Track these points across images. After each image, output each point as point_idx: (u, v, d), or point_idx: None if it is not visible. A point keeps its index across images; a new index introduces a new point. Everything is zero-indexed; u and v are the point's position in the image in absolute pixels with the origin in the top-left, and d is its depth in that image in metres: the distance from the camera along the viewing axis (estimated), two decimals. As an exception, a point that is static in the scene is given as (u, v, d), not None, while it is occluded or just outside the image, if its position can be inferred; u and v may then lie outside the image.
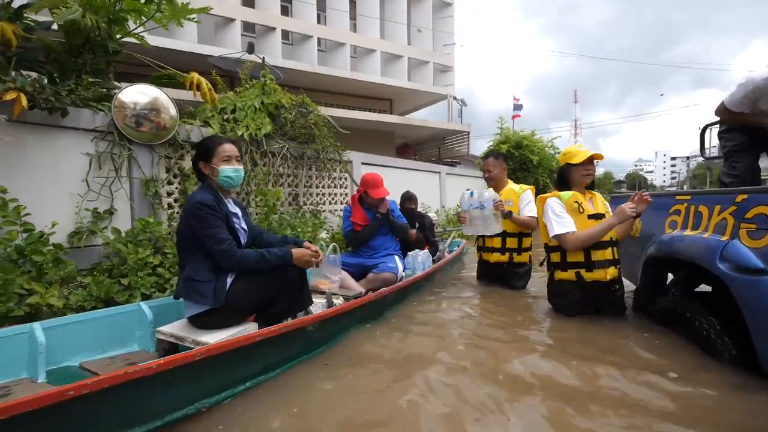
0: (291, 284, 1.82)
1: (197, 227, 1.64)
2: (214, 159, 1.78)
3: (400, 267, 3.08)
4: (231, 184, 1.83)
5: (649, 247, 2.34)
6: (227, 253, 1.65)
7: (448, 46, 15.12)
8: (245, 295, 1.71)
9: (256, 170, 3.96)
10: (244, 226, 1.92)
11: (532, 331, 2.20)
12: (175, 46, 8.75)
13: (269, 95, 4.39)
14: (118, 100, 3.12)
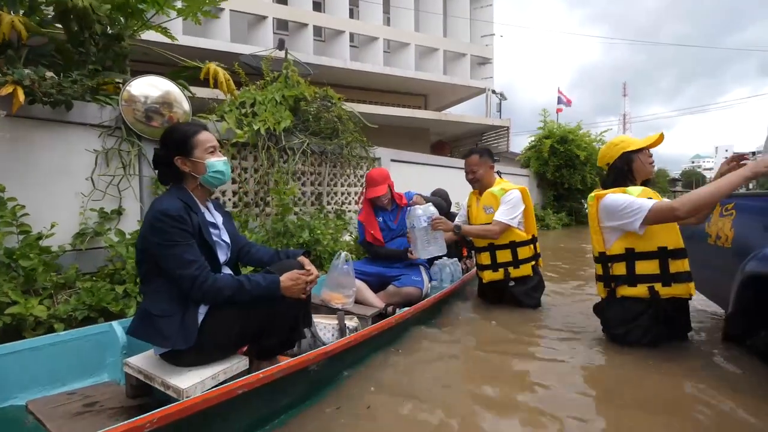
0: (282, 317, 1.45)
1: (158, 244, 1.28)
2: (196, 151, 1.41)
3: (426, 280, 2.64)
4: (221, 181, 1.48)
5: (748, 263, 1.79)
6: (196, 280, 1.28)
7: (487, 36, 14.36)
8: (224, 332, 1.35)
9: (275, 168, 3.69)
10: (226, 238, 1.54)
11: (586, 370, 1.73)
12: (207, 45, 8.81)
13: (291, 88, 4.12)
14: (127, 94, 2.94)
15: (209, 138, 1.48)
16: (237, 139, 3.41)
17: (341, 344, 1.52)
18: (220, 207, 1.65)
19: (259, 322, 1.40)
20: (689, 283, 1.82)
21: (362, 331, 1.69)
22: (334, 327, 1.85)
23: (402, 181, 5.73)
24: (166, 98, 3.13)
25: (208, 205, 1.55)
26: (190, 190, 1.45)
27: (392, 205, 2.79)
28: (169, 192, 1.43)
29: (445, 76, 13.24)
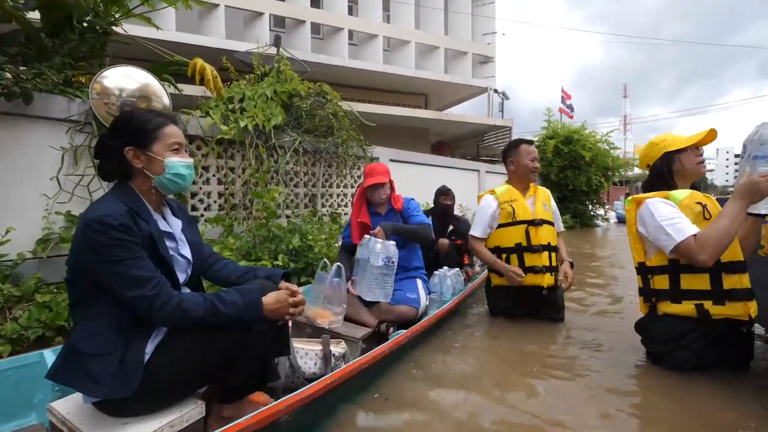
0: (251, 347, 1.17)
1: (97, 261, 1.02)
2: (156, 145, 1.15)
3: (423, 296, 2.31)
4: (180, 186, 1.21)
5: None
6: (154, 302, 1.03)
7: (489, 35, 14.11)
8: (176, 371, 1.07)
9: (264, 167, 3.43)
10: (186, 252, 1.25)
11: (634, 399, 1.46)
12: (201, 42, 8.56)
13: (283, 83, 3.86)
14: (99, 86, 2.68)
15: (176, 133, 1.20)
16: (222, 136, 3.15)
17: (320, 387, 1.23)
18: (181, 210, 1.36)
19: (222, 355, 1.13)
20: (749, 301, 1.54)
21: (348, 366, 1.40)
22: (317, 354, 1.57)
23: (402, 183, 5.44)
24: (143, 91, 2.87)
25: (164, 211, 1.27)
26: (140, 192, 1.18)
27: (387, 208, 2.48)
28: (109, 194, 1.15)
29: (446, 74, 12.99)
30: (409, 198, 2.53)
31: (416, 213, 2.46)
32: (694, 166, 1.73)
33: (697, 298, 1.58)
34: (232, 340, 1.12)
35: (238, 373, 1.18)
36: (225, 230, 3.08)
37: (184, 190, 1.25)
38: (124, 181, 1.17)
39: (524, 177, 2.45)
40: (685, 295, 1.60)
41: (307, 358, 1.55)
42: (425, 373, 1.73)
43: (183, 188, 1.23)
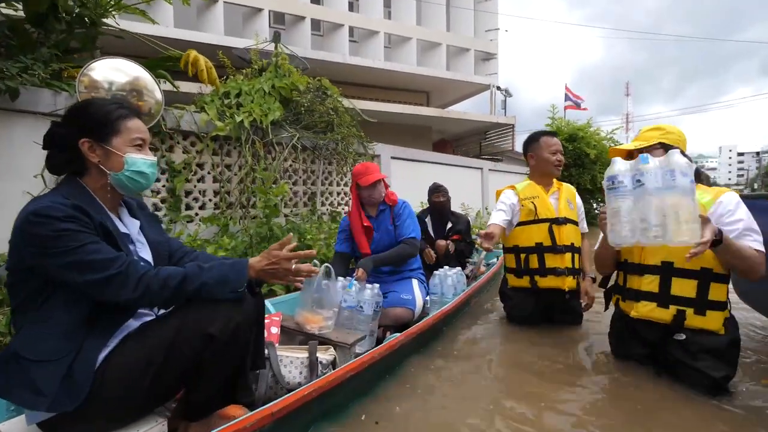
0: (220, 355, 1.03)
1: (43, 256, 0.91)
2: (116, 139, 1.04)
3: (420, 297, 2.18)
4: (140, 186, 1.10)
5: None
6: (130, 275, 0.94)
7: (491, 31, 13.94)
8: (134, 382, 0.95)
9: (261, 164, 3.31)
10: (146, 255, 1.14)
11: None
12: (200, 38, 8.41)
13: (282, 78, 3.74)
14: (87, 79, 2.55)
15: (140, 128, 1.09)
16: (217, 132, 3.03)
17: (296, 398, 1.10)
18: (141, 208, 1.24)
19: (185, 364, 1.00)
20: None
21: (329, 375, 1.26)
22: (303, 362, 1.42)
23: (403, 181, 5.36)
24: (134, 85, 2.74)
25: (121, 212, 1.15)
26: (93, 190, 1.05)
27: (379, 209, 2.33)
28: (53, 190, 1.03)
29: (448, 71, 12.83)
30: (403, 201, 2.38)
31: (405, 222, 2.30)
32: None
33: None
34: (196, 348, 1.00)
35: (203, 387, 1.05)
36: (220, 230, 2.96)
37: (145, 190, 1.14)
38: (73, 176, 1.05)
39: (546, 172, 2.28)
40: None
41: (292, 366, 1.41)
42: (423, 385, 1.60)
43: (144, 188, 1.12)
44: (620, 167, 1.43)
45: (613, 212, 1.43)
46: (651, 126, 1.70)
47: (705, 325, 1.49)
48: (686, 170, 1.30)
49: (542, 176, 2.31)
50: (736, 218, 1.47)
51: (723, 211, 1.49)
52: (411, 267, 2.35)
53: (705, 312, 1.49)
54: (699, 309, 1.50)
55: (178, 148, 3.01)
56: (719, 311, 1.49)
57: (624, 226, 1.40)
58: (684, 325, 1.51)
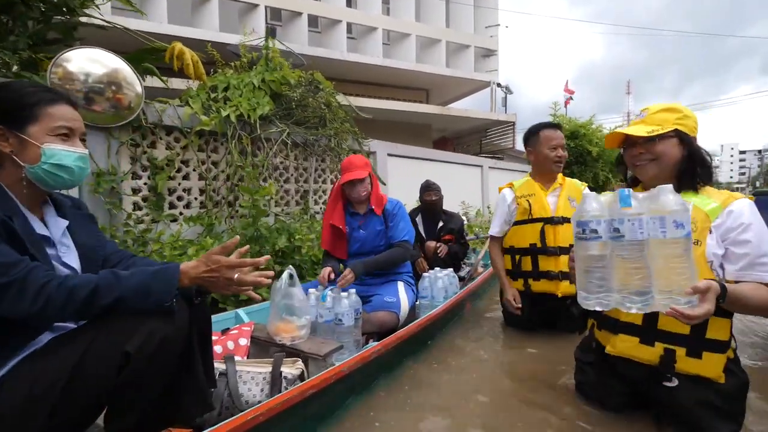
0: (150, 370, 0.89)
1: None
2: (33, 126, 0.91)
3: (405, 300, 2.02)
4: (61, 182, 0.96)
5: None
6: (29, 284, 0.80)
7: (491, 27, 13.76)
8: (43, 404, 0.81)
9: (247, 161, 3.16)
10: (70, 260, 1.00)
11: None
12: (194, 34, 8.26)
13: (272, 72, 3.59)
14: (61, 70, 2.41)
15: (66, 115, 0.95)
16: (201, 127, 2.88)
17: (238, 423, 0.95)
18: (78, 207, 1.11)
19: (96, 388, 0.85)
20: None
21: (283, 394, 1.10)
22: (265, 377, 1.27)
23: (401, 179, 5.20)
24: (112, 77, 2.60)
25: (45, 210, 1.01)
26: (6, 184, 0.92)
27: (366, 208, 2.18)
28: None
29: (447, 68, 12.67)
30: (396, 201, 2.23)
31: (398, 224, 2.16)
32: None
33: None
34: (110, 368, 0.84)
35: (124, 414, 0.90)
36: (204, 229, 2.82)
37: (72, 187, 0.99)
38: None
39: (545, 168, 2.13)
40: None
41: (252, 383, 1.26)
42: (406, 400, 1.45)
43: (70, 184, 0.98)
44: (593, 207, 1.08)
45: (583, 270, 1.09)
46: (663, 105, 1.28)
47: (700, 370, 1.16)
48: (681, 218, 0.95)
49: (542, 173, 2.16)
50: (746, 238, 1.13)
51: (733, 224, 1.15)
52: (397, 269, 2.20)
53: (701, 354, 1.16)
54: (693, 349, 1.16)
55: (161, 144, 2.86)
56: (719, 353, 1.15)
57: (596, 290, 1.07)
58: (674, 369, 1.18)
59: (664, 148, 1.22)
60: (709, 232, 1.15)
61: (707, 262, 1.14)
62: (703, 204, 1.18)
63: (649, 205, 1.01)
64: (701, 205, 1.18)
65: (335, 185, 2.25)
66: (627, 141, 1.30)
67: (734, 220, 1.15)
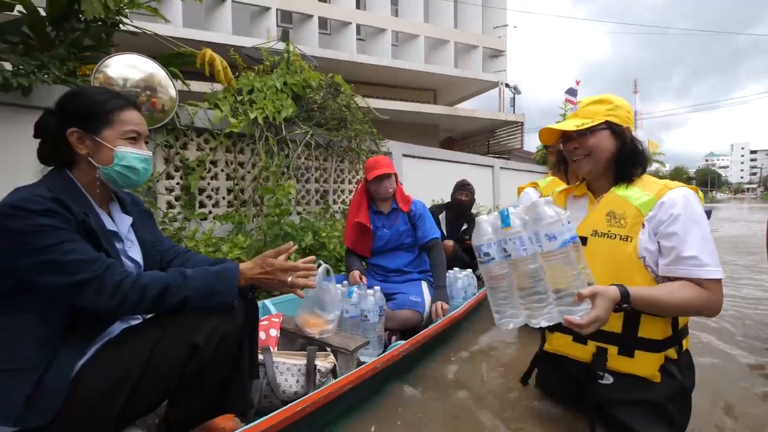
0: (212, 366, 0.97)
1: (17, 254, 0.84)
2: (107, 131, 0.98)
3: (429, 300, 2.11)
4: (131, 182, 1.04)
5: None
6: (107, 281, 0.87)
7: (500, 28, 13.81)
8: (109, 396, 0.87)
9: (275, 161, 3.27)
10: (135, 254, 1.08)
11: None
12: (209, 38, 8.41)
13: (294, 74, 3.70)
14: (102, 76, 2.53)
15: (134, 120, 1.02)
16: (231, 129, 3.00)
17: (290, 413, 1.03)
18: (135, 204, 1.18)
19: (167, 377, 0.92)
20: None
21: (326, 387, 1.19)
22: (300, 369, 1.34)
23: (415, 179, 5.30)
24: (148, 81, 2.72)
25: (112, 208, 1.09)
26: (82, 184, 1.00)
27: (391, 206, 2.28)
28: (39, 181, 0.97)
29: (456, 69, 12.72)
30: (421, 202, 2.33)
31: (426, 224, 2.25)
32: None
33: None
34: (180, 359, 0.92)
35: (187, 401, 0.98)
36: (234, 228, 2.93)
37: (137, 186, 1.10)
38: (61, 168, 1.00)
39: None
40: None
41: (288, 374, 1.33)
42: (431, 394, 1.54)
43: (135, 184, 1.07)
44: (485, 231, 1.09)
45: (490, 291, 1.12)
46: (594, 98, 1.26)
47: (632, 369, 1.13)
48: (552, 230, 0.96)
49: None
50: (673, 231, 1.07)
51: (663, 216, 1.09)
52: (420, 268, 2.30)
53: (632, 352, 1.13)
54: (625, 348, 1.13)
55: (192, 146, 2.98)
56: (653, 352, 1.12)
57: (503, 309, 1.09)
58: (606, 367, 1.17)
59: (595, 141, 1.19)
60: (641, 227, 1.11)
61: (639, 259, 1.10)
62: (636, 197, 1.14)
63: (526, 221, 1.03)
64: (633, 199, 1.14)
65: (360, 184, 2.35)
66: (564, 136, 1.26)
67: (665, 211, 1.09)
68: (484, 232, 1.09)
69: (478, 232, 1.11)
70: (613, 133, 1.19)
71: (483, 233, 1.10)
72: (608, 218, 1.15)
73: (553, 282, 0.98)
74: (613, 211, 1.15)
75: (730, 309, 2.64)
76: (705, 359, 1.83)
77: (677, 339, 1.14)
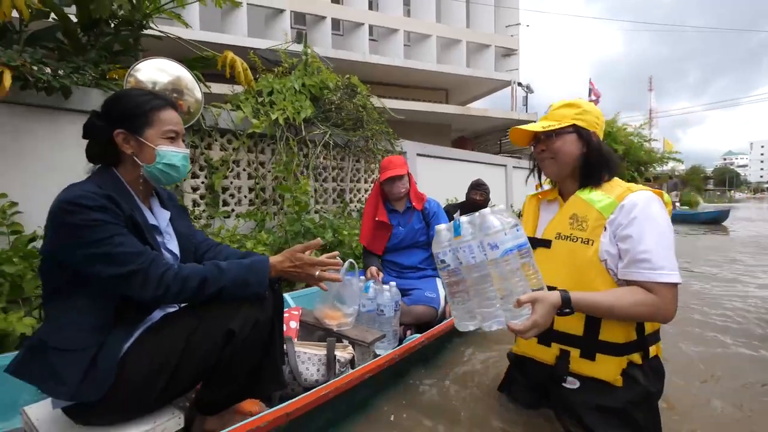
0: (241, 352, 1.04)
1: (73, 246, 0.91)
2: (149, 131, 1.04)
3: (443, 296, 2.13)
4: (172, 179, 1.10)
5: None
6: (152, 272, 0.94)
7: (512, 26, 13.75)
8: (153, 375, 0.97)
9: (294, 161, 3.36)
10: (173, 247, 1.15)
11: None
12: (225, 40, 8.59)
13: (311, 76, 3.79)
14: (133, 79, 2.65)
15: (173, 119, 1.09)
16: (253, 129, 3.10)
17: (314, 398, 1.09)
18: (171, 200, 1.25)
19: (204, 360, 1.01)
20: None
21: (347, 375, 1.25)
22: (320, 359, 1.41)
23: (430, 178, 5.35)
24: (176, 84, 2.83)
25: (152, 203, 1.17)
26: (127, 181, 1.07)
27: (405, 205, 2.33)
28: (87, 179, 1.04)
29: (468, 68, 12.72)
30: (436, 201, 2.38)
31: (440, 222, 2.27)
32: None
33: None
34: (216, 344, 1.00)
35: (221, 383, 1.06)
36: (257, 225, 3.03)
37: (178, 182, 1.15)
38: (108, 166, 1.07)
39: None
40: None
41: (309, 363, 1.41)
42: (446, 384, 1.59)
43: (176, 180, 1.14)
44: (442, 239, 1.15)
45: (450, 297, 1.17)
46: (564, 101, 1.27)
47: (594, 372, 1.13)
48: (494, 239, 1.00)
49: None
50: (628, 233, 1.07)
51: (623, 219, 1.09)
52: (435, 265, 2.34)
53: (593, 355, 1.13)
54: (586, 351, 1.14)
55: (216, 146, 3.09)
56: (615, 356, 1.11)
57: (461, 314, 1.14)
58: (568, 370, 1.17)
59: (561, 143, 1.19)
60: (603, 230, 1.11)
61: (601, 262, 1.11)
62: (598, 200, 1.14)
63: (473, 230, 1.07)
64: (595, 202, 1.14)
65: (375, 184, 2.42)
66: (535, 138, 1.27)
67: (624, 215, 1.09)
68: (442, 240, 1.14)
69: (436, 240, 1.16)
70: (580, 137, 1.19)
71: (440, 241, 1.15)
72: (571, 221, 1.16)
73: (499, 288, 1.03)
74: (576, 215, 1.16)
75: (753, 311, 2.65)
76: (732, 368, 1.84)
77: (643, 344, 1.13)
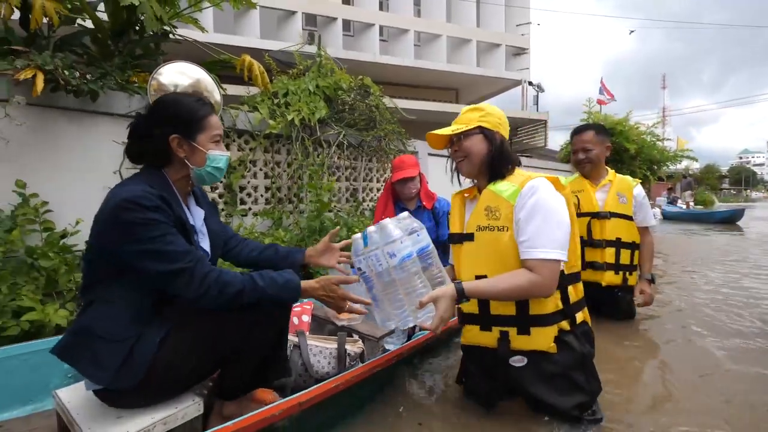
0: (254, 344, 1.12)
1: (126, 242, 0.97)
2: (201, 136, 1.10)
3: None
4: (215, 179, 1.18)
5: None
6: (194, 273, 0.98)
7: (523, 25, 13.69)
8: (179, 365, 1.04)
9: (309, 160, 3.43)
10: (205, 245, 1.20)
11: None
12: (238, 42, 8.73)
13: (325, 77, 3.86)
14: (156, 82, 2.73)
15: (218, 124, 1.16)
16: (270, 130, 3.18)
17: (325, 389, 1.14)
18: (205, 196, 1.31)
19: (224, 350, 1.09)
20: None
21: (358, 368, 1.29)
22: (331, 353, 1.46)
23: (441, 178, 5.36)
24: (196, 87, 2.85)
25: (189, 202, 1.22)
26: (172, 181, 1.13)
27: (416, 204, 2.36)
28: (139, 176, 1.09)
29: (478, 68, 12.70)
30: (446, 201, 2.41)
31: (448, 222, 2.34)
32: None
33: None
34: (238, 335, 1.07)
35: (239, 370, 1.14)
36: (274, 223, 3.11)
37: (216, 182, 1.25)
38: (155, 167, 1.12)
39: (579, 168, 2.39)
40: None
41: (321, 356, 1.46)
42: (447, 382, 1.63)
43: (217, 180, 1.22)
44: (357, 249, 1.25)
45: (372, 300, 1.26)
46: (471, 107, 1.43)
47: (532, 345, 1.22)
48: (392, 249, 1.11)
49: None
50: (518, 217, 1.19)
51: (519, 205, 1.20)
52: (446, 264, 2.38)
53: (528, 330, 1.22)
54: (521, 328, 1.23)
55: (234, 146, 3.18)
56: (546, 326, 1.21)
57: (382, 315, 1.26)
58: (510, 349, 1.25)
59: (470, 144, 1.34)
60: (514, 215, 1.22)
61: (518, 245, 1.20)
62: (505, 190, 1.25)
63: (378, 239, 1.18)
64: (503, 192, 1.25)
65: (387, 183, 2.46)
66: (449, 141, 1.42)
67: (521, 200, 1.20)
68: (357, 250, 1.25)
69: (353, 250, 1.26)
70: (485, 137, 1.33)
71: (355, 251, 1.25)
72: (486, 213, 1.27)
73: (404, 292, 1.13)
74: (489, 206, 1.27)
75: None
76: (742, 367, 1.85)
77: (569, 312, 1.25)
